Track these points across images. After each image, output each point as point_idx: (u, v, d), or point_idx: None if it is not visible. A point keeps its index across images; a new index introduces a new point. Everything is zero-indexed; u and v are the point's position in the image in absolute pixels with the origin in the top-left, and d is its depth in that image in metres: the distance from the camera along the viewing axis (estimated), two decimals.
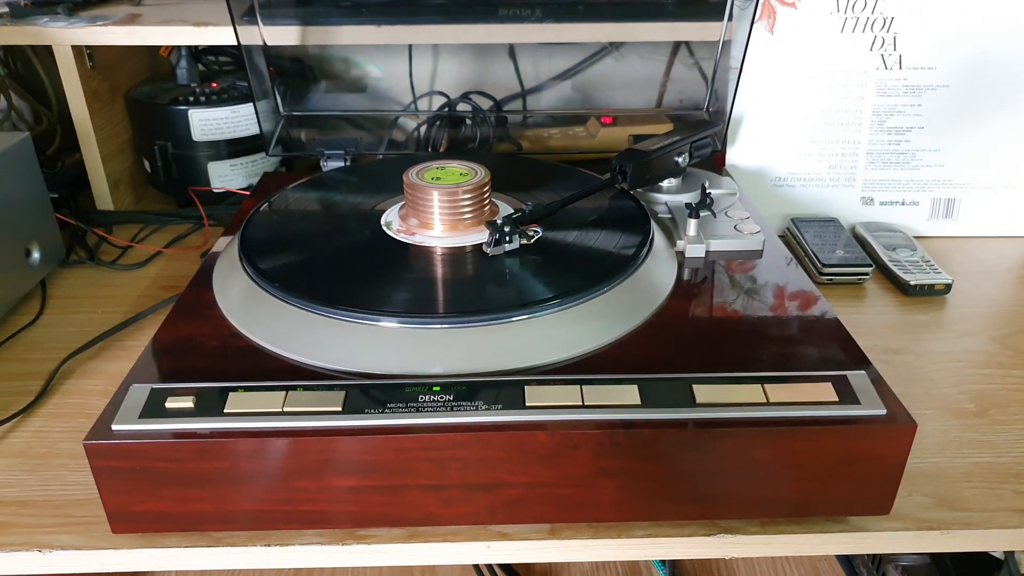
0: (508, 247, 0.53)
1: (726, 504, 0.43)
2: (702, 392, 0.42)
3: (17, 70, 0.97)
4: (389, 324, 0.46)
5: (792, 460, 0.41)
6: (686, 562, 0.78)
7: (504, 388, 0.42)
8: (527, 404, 0.41)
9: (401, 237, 0.56)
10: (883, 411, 0.41)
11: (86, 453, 0.39)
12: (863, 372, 0.43)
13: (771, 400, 0.41)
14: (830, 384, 0.42)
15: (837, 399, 0.41)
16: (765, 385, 0.42)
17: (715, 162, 0.78)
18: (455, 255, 0.54)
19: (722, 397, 0.41)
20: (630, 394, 0.42)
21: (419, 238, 0.56)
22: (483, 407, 0.41)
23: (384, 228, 0.57)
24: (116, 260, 0.74)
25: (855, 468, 0.41)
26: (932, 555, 0.63)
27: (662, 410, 0.41)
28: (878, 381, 0.43)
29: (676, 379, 0.43)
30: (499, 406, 0.41)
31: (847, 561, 0.76)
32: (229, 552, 0.43)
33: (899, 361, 0.59)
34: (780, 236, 0.75)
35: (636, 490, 0.42)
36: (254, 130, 0.84)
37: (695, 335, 0.48)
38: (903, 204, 0.79)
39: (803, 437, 0.40)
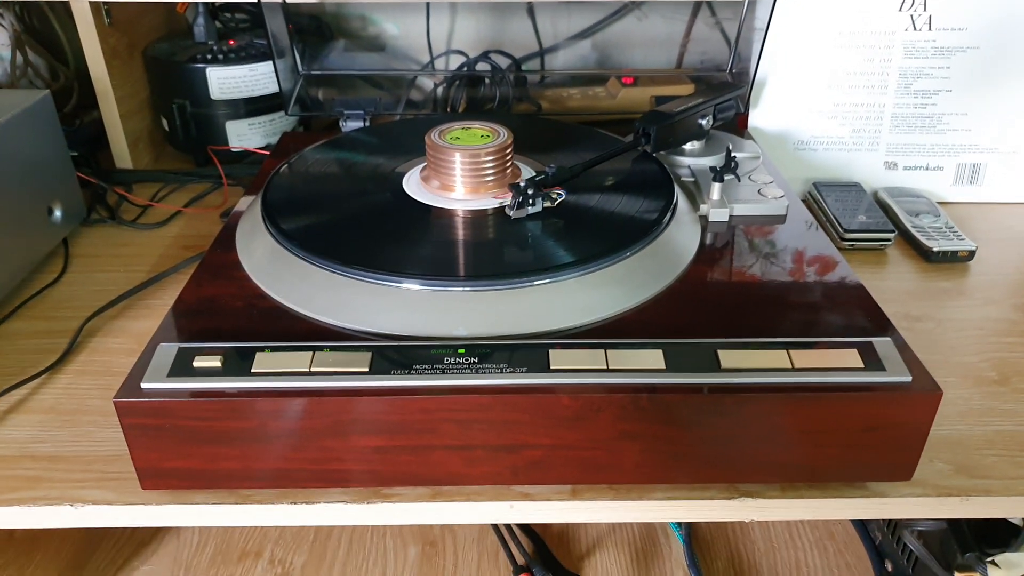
0: (531, 210, 0.53)
1: (747, 468, 0.43)
2: (727, 357, 0.42)
3: (33, 25, 0.96)
4: (412, 286, 0.46)
5: (815, 426, 0.41)
6: (702, 523, 0.79)
7: (528, 351, 0.42)
8: (551, 367, 0.41)
9: (423, 199, 0.56)
10: (908, 378, 0.41)
11: (116, 411, 0.40)
12: (888, 339, 0.43)
13: (796, 366, 0.41)
14: (855, 350, 0.42)
15: (863, 365, 0.41)
16: (790, 351, 0.42)
17: (737, 124, 0.77)
18: (477, 218, 0.54)
19: (747, 362, 0.41)
20: (654, 358, 0.42)
21: (441, 200, 0.55)
22: (508, 370, 0.41)
23: (406, 190, 0.57)
24: (137, 219, 0.74)
25: (878, 434, 0.41)
26: (949, 520, 0.63)
27: (686, 375, 0.41)
28: (904, 348, 0.43)
29: (701, 344, 0.43)
30: (523, 369, 0.41)
31: (862, 525, 0.77)
32: (255, 509, 0.43)
33: (920, 328, 0.59)
34: (801, 200, 0.74)
35: (658, 453, 0.42)
36: (272, 89, 0.83)
37: (719, 300, 0.48)
38: (927, 169, 0.78)
39: (828, 403, 0.40)
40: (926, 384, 0.41)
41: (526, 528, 0.77)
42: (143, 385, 0.40)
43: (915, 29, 0.74)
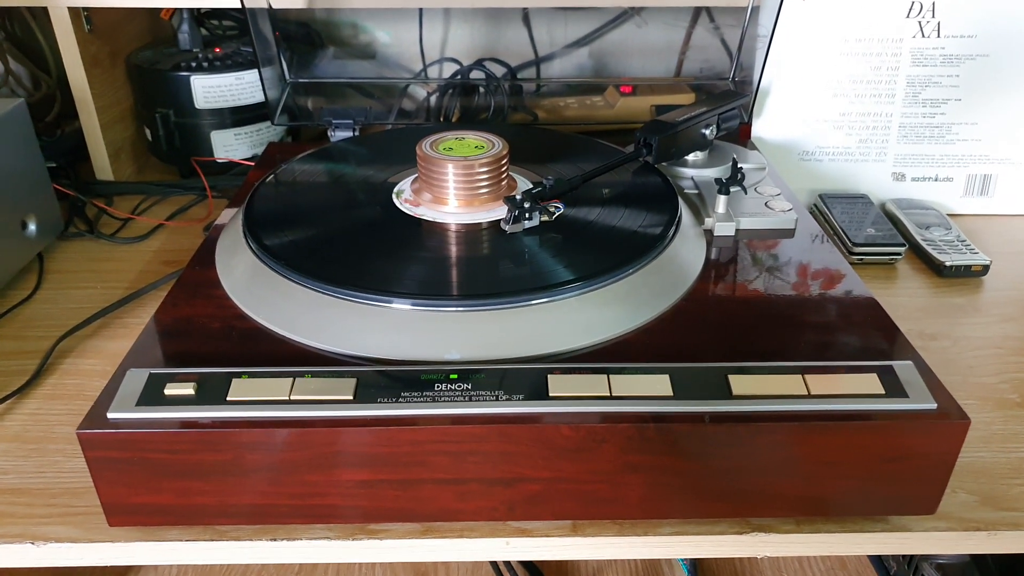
0: (528, 224, 0.50)
1: (760, 502, 0.40)
2: (739, 383, 0.39)
3: (15, 33, 0.93)
4: (402, 306, 0.43)
5: (834, 456, 0.38)
6: (710, 558, 0.76)
7: (526, 377, 0.39)
8: (550, 394, 0.38)
9: (414, 213, 0.53)
10: (933, 405, 0.38)
11: (80, 443, 0.37)
12: (910, 362, 0.41)
13: (812, 392, 0.38)
14: (875, 375, 0.39)
15: (883, 391, 0.39)
16: (806, 375, 0.39)
17: (739, 135, 0.74)
18: (471, 232, 0.51)
19: (760, 389, 0.38)
20: (661, 384, 0.39)
21: (433, 214, 0.53)
22: (503, 397, 0.38)
23: (396, 203, 0.54)
24: (116, 233, 0.71)
25: (901, 465, 0.39)
26: (973, 553, 0.60)
27: (696, 402, 0.38)
28: (926, 372, 0.40)
29: (710, 368, 0.40)
30: (520, 396, 0.38)
31: (876, 556, 0.74)
32: (232, 546, 0.40)
33: (935, 347, 0.56)
34: None
35: (665, 487, 0.39)
36: (259, 98, 0.80)
37: (728, 320, 0.45)
38: (936, 180, 0.76)
39: (847, 433, 0.38)
40: (952, 412, 0.38)
41: (525, 563, 0.74)
42: (110, 415, 0.37)
43: (923, 36, 0.72)
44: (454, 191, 0.52)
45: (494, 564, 0.72)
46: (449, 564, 0.74)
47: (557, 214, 0.51)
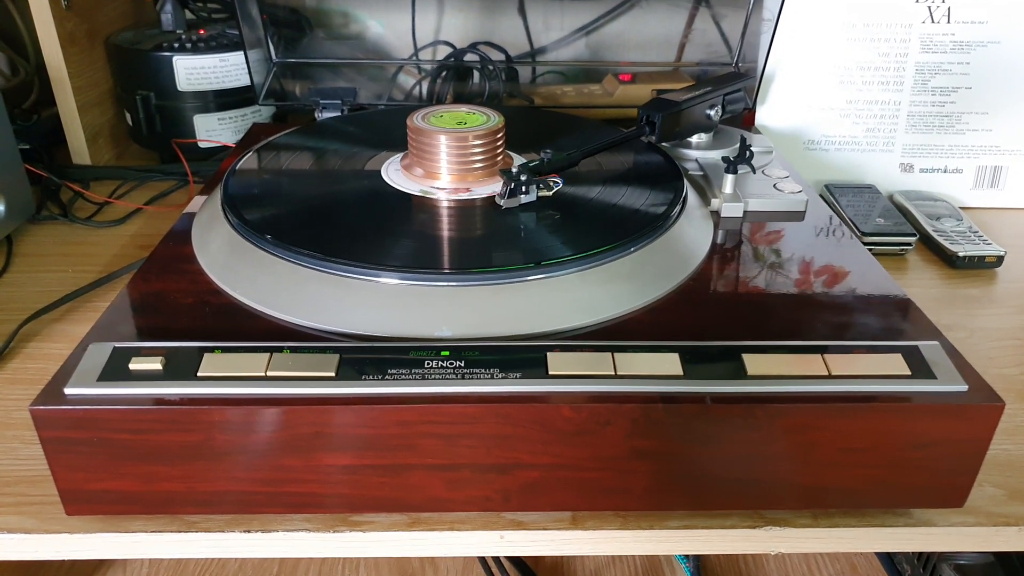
0: (524, 199, 0.47)
1: (774, 492, 0.37)
2: (754, 362, 0.36)
3: None
4: (390, 280, 0.40)
5: (856, 443, 0.35)
6: (711, 555, 0.72)
7: (523, 354, 0.36)
8: (550, 373, 0.35)
9: (403, 187, 0.50)
10: (964, 387, 0.35)
11: (33, 421, 0.34)
12: (936, 343, 0.38)
13: (833, 373, 0.36)
14: (900, 355, 0.37)
15: (909, 372, 0.36)
16: (825, 356, 0.36)
17: (743, 122, 0.72)
18: (464, 207, 0.48)
19: (777, 369, 0.36)
20: (670, 363, 0.36)
21: (424, 188, 0.50)
22: (499, 375, 0.35)
23: (385, 177, 0.51)
24: (92, 217, 0.68)
25: (928, 452, 0.36)
26: (996, 553, 0.57)
27: (707, 383, 0.35)
28: (954, 353, 0.37)
29: (723, 347, 0.37)
30: (517, 375, 0.35)
31: (888, 557, 0.71)
32: (201, 538, 0.37)
33: (952, 338, 0.52)
34: None
35: (673, 475, 0.36)
36: (244, 81, 0.77)
37: (739, 301, 0.42)
38: (945, 171, 0.73)
39: (871, 416, 0.35)
40: (984, 394, 0.35)
41: (516, 560, 0.71)
42: (67, 391, 0.34)
43: (933, 22, 0.70)
44: (447, 164, 0.49)
45: (486, 567, 0.68)
46: (438, 564, 0.71)
47: (556, 189, 0.48)
